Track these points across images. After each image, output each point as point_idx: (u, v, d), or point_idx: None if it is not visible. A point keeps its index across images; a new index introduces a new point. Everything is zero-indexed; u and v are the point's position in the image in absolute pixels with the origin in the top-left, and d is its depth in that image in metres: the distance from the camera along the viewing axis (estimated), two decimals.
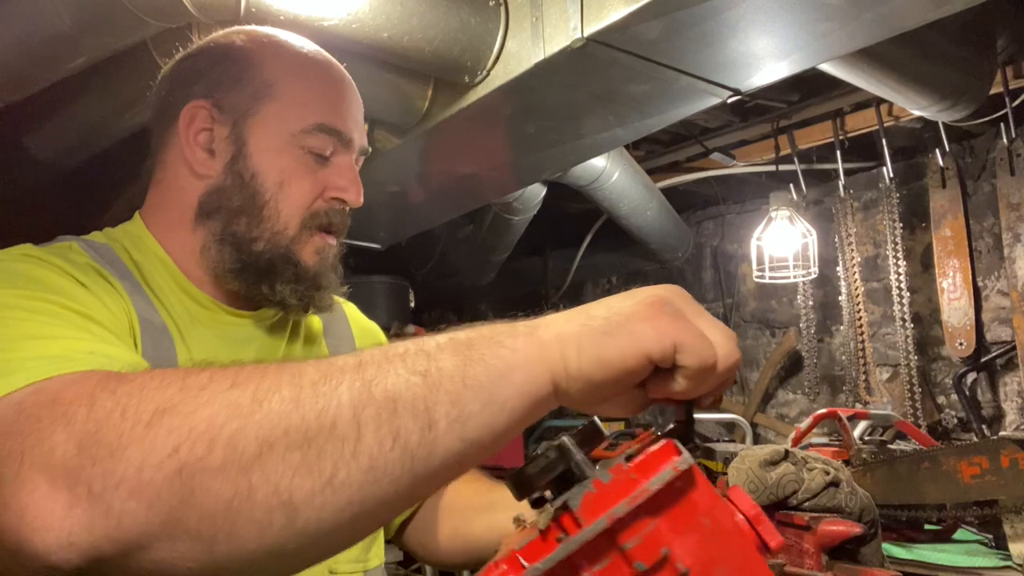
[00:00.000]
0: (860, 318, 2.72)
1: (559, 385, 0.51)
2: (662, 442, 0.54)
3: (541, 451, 0.52)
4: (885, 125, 2.54)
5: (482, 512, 0.97)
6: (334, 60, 0.92)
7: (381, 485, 0.48)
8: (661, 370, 0.52)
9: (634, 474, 0.51)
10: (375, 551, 0.92)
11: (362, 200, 0.89)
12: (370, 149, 0.95)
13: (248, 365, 0.52)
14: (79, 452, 0.47)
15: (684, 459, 0.52)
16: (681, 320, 0.52)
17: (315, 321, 0.97)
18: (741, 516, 0.56)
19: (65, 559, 0.45)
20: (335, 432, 0.47)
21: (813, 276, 2.79)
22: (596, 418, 0.56)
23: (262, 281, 0.84)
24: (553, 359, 0.51)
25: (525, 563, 0.48)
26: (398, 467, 0.48)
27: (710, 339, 0.52)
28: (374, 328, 1.09)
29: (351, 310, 1.06)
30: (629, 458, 0.53)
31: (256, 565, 0.48)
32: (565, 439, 0.52)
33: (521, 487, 0.51)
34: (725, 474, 0.97)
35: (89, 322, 0.65)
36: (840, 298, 2.77)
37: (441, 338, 0.52)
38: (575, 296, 4.25)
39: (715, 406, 0.57)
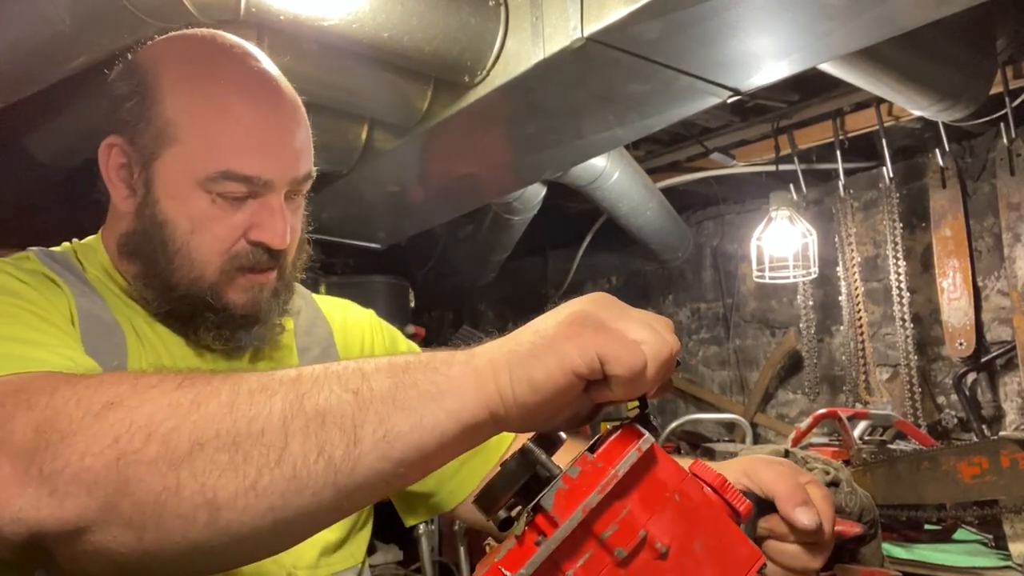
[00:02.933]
0: (860, 318, 2.72)
1: (496, 412, 0.52)
2: (621, 429, 0.55)
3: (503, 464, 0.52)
4: (885, 125, 2.54)
5: None
6: (266, 73, 0.83)
7: (303, 495, 0.49)
8: (597, 380, 0.52)
9: (600, 463, 0.52)
10: (341, 554, 0.89)
11: (287, 242, 0.82)
12: (314, 173, 0.86)
13: (200, 372, 0.54)
14: (35, 435, 0.50)
15: (646, 439, 0.53)
16: (603, 332, 0.52)
17: (287, 323, 0.94)
18: (708, 488, 0.57)
19: (15, 533, 0.49)
20: (262, 439, 0.49)
21: (813, 276, 2.79)
22: None
23: (188, 326, 0.82)
24: (487, 387, 0.52)
25: (507, 572, 0.48)
26: (321, 479, 0.49)
27: (637, 341, 0.52)
28: (357, 319, 1.03)
29: (327, 306, 1.02)
30: (593, 449, 0.54)
31: (183, 558, 0.50)
32: (527, 443, 0.53)
33: (488, 503, 0.52)
34: None
35: (49, 325, 0.68)
36: (840, 298, 2.77)
37: (381, 360, 0.54)
38: (575, 295, 4.25)
39: (662, 393, 0.57)
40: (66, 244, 0.87)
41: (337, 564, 0.89)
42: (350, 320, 1.02)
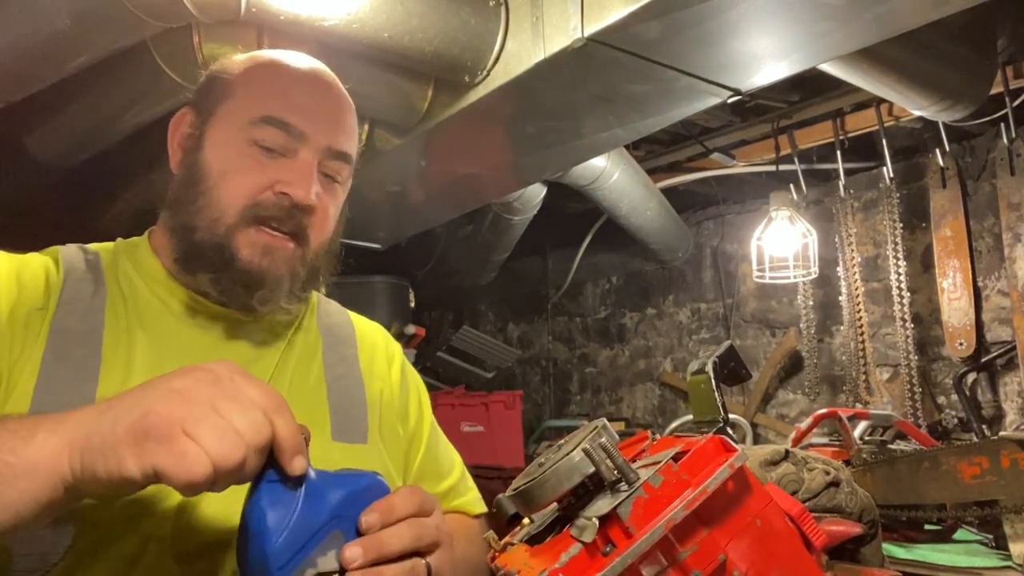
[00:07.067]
0: (860, 318, 2.72)
1: (72, 489, 0.55)
2: (707, 439, 0.51)
3: (553, 456, 0.49)
4: (885, 125, 2.54)
5: None
6: (320, 67, 0.91)
7: None
8: None
9: (684, 475, 0.48)
10: None
11: (311, 199, 0.84)
12: (353, 157, 0.91)
13: None
14: None
15: (738, 456, 0.49)
16: (165, 443, 0.52)
17: (314, 337, 0.94)
18: (785, 515, 0.54)
19: None
20: None
21: (813, 276, 2.79)
22: (605, 419, 0.54)
23: (192, 271, 0.84)
24: (61, 469, 0.54)
25: None
26: None
27: (202, 451, 0.52)
28: (388, 352, 1.02)
29: (364, 331, 1.01)
30: (677, 458, 0.50)
31: None
32: (603, 441, 0.49)
33: (531, 500, 0.48)
34: None
35: None
36: (840, 298, 2.77)
37: None
38: (575, 296, 4.25)
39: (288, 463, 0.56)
40: (120, 241, 0.90)
41: None
42: (374, 347, 1.00)
